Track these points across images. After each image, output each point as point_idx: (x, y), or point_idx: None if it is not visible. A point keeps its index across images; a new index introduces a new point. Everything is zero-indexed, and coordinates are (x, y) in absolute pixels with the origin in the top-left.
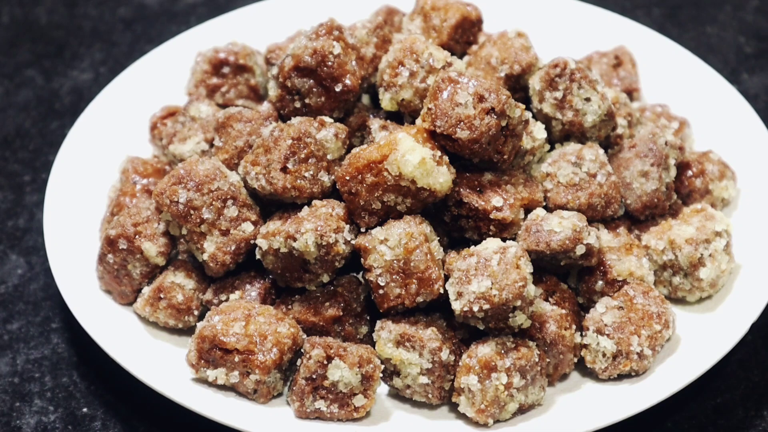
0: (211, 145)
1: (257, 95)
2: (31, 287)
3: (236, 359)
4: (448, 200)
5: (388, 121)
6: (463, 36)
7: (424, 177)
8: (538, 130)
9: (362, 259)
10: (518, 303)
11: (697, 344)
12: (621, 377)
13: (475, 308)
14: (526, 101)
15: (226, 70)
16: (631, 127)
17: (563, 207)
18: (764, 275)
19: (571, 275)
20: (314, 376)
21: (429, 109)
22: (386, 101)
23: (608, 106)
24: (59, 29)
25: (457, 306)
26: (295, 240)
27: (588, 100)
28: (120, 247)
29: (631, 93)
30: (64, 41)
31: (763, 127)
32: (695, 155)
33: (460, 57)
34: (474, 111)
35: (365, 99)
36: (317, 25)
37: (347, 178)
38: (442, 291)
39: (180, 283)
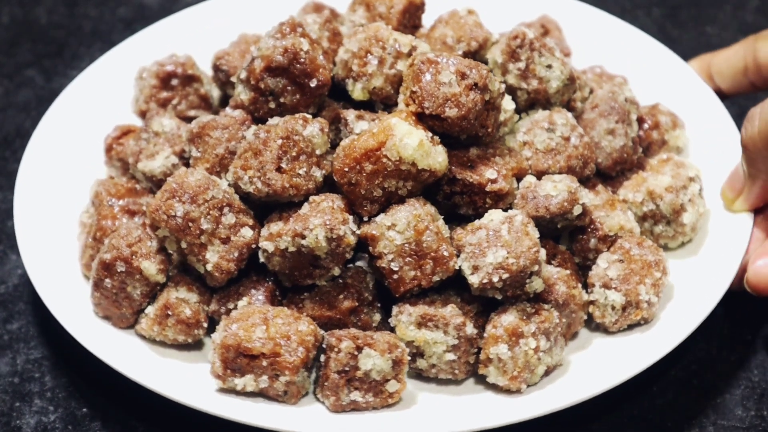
0: (181, 158)
1: (208, 104)
2: (31, 287)
3: (264, 363)
4: (441, 179)
5: (362, 110)
6: (410, 20)
7: (423, 158)
8: (507, 102)
9: (370, 248)
10: (535, 268)
11: (693, 289)
12: (630, 328)
13: (495, 279)
14: None
15: (174, 82)
16: (580, 89)
17: (545, 172)
18: (741, 216)
19: (563, 237)
20: (347, 369)
21: (413, 92)
22: (358, 91)
23: (569, 71)
24: (59, 29)
25: (475, 279)
26: (304, 237)
27: (549, 66)
28: (118, 270)
29: (567, 56)
30: (64, 41)
31: (696, 75)
32: (646, 108)
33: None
34: (459, 88)
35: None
36: (279, 24)
37: (346, 169)
38: (457, 268)
39: (184, 297)
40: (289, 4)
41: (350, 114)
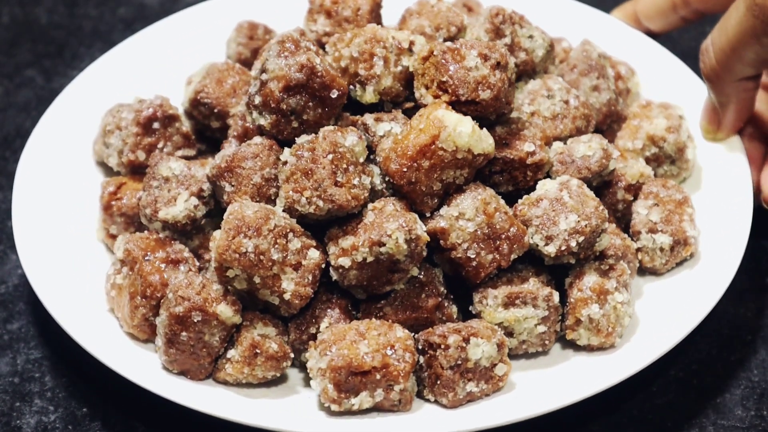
0: (199, 198)
1: (190, 141)
2: (31, 287)
3: (377, 377)
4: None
5: (376, 113)
6: (375, 19)
7: (478, 143)
8: None
9: (441, 241)
10: (605, 226)
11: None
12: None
13: (572, 243)
14: None
15: (156, 125)
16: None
17: (558, 137)
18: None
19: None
20: (459, 362)
21: (443, 82)
22: (369, 94)
23: (549, 38)
24: (59, 29)
25: (551, 249)
26: (382, 245)
27: (531, 37)
28: (194, 320)
29: None
30: (64, 41)
31: (623, 23)
32: (613, 59)
33: None
34: (486, 70)
35: None
36: (278, 43)
37: (404, 170)
38: (532, 241)
39: (265, 333)
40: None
41: (369, 118)
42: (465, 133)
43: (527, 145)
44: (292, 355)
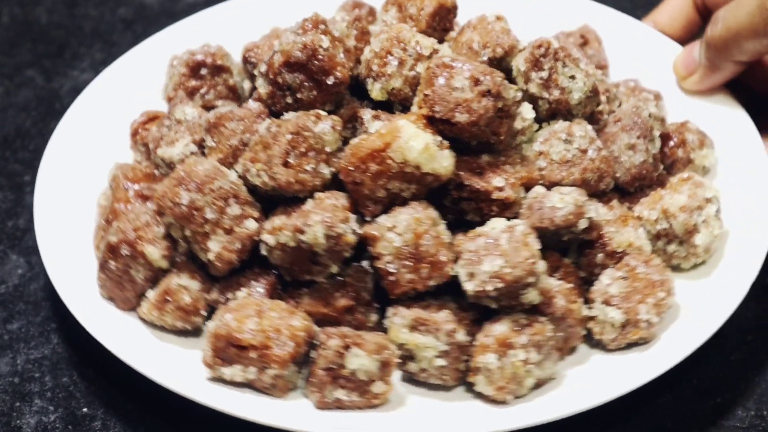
0: (200, 147)
1: (236, 95)
2: (31, 287)
3: (253, 355)
4: (449, 184)
5: (379, 110)
6: (440, 23)
7: (428, 162)
8: (527, 111)
9: (370, 248)
10: (530, 279)
11: (698, 310)
12: (629, 347)
13: (489, 288)
14: (510, 83)
15: (203, 71)
16: (609, 102)
17: (558, 184)
18: (755, 238)
19: (571, 250)
20: (333, 366)
21: (426, 95)
22: (376, 91)
23: (593, 83)
24: (59, 29)
25: (470, 287)
26: (303, 233)
27: (573, 77)
28: (122, 253)
29: (601, 70)
30: (64, 41)
31: (731, 98)
32: (674, 126)
33: (439, 44)
34: (471, 94)
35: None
36: (302, 20)
37: (351, 168)
38: (453, 273)
39: (186, 284)
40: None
41: (367, 113)
42: (415, 149)
43: (497, 179)
44: (204, 313)
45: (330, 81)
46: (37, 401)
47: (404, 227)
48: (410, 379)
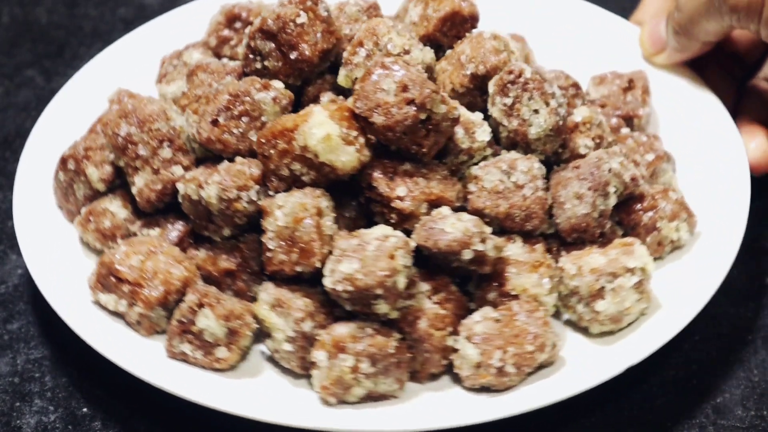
0: None
1: None
2: (31, 287)
3: (125, 289)
4: (362, 182)
5: (341, 97)
6: (452, 30)
7: (325, 152)
8: (482, 132)
9: (262, 220)
10: (380, 291)
11: (576, 370)
12: (484, 389)
13: (339, 288)
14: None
15: (238, 24)
16: (598, 149)
17: (480, 212)
18: (671, 318)
19: (472, 280)
20: (184, 320)
21: (356, 89)
22: (341, 77)
23: (555, 122)
24: (59, 29)
25: (326, 282)
26: (202, 189)
27: (536, 111)
28: (69, 167)
29: (631, 119)
30: (64, 41)
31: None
32: (657, 189)
33: (446, 50)
34: (394, 99)
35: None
36: None
37: (263, 140)
38: (319, 266)
39: (113, 210)
40: None
41: (326, 96)
42: (316, 136)
43: (401, 189)
44: (120, 241)
45: (293, 56)
46: (37, 401)
47: (289, 209)
48: (272, 357)
